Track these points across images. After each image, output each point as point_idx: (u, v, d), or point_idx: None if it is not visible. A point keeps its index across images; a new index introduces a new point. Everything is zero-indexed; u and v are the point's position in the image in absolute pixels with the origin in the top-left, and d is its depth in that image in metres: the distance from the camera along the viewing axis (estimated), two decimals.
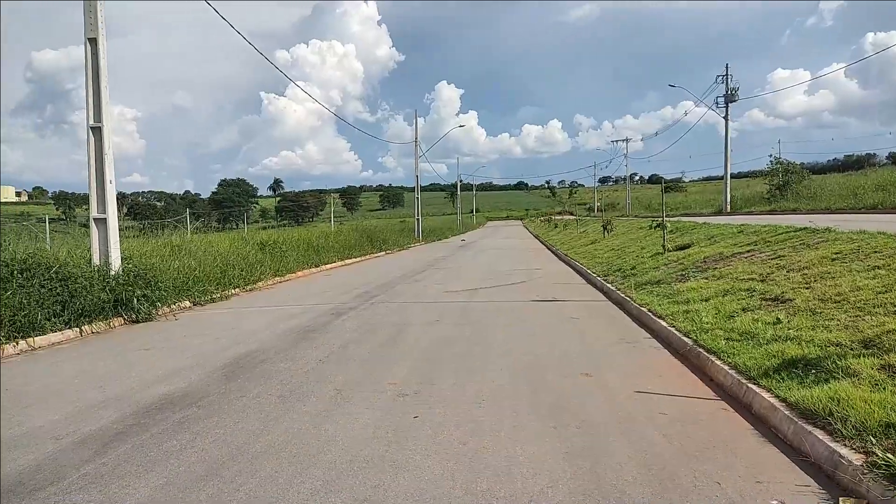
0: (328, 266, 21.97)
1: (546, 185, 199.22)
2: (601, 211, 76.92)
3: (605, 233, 25.61)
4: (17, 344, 8.23)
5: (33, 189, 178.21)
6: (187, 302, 12.65)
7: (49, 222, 25.82)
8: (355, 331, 9.13)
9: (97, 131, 11.20)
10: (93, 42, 11.17)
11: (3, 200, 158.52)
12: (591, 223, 39.30)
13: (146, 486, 3.84)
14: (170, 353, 8.13)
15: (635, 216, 50.37)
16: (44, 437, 4.79)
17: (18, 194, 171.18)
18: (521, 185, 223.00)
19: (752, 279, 8.69)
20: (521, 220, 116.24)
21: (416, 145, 45.43)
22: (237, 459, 4.24)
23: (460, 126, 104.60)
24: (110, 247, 11.20)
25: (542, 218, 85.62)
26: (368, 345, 8.09)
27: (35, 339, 8.53)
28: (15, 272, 9.05)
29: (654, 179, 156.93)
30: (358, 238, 29.23)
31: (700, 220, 22.98)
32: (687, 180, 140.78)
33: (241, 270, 15.96)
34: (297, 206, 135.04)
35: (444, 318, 9.98)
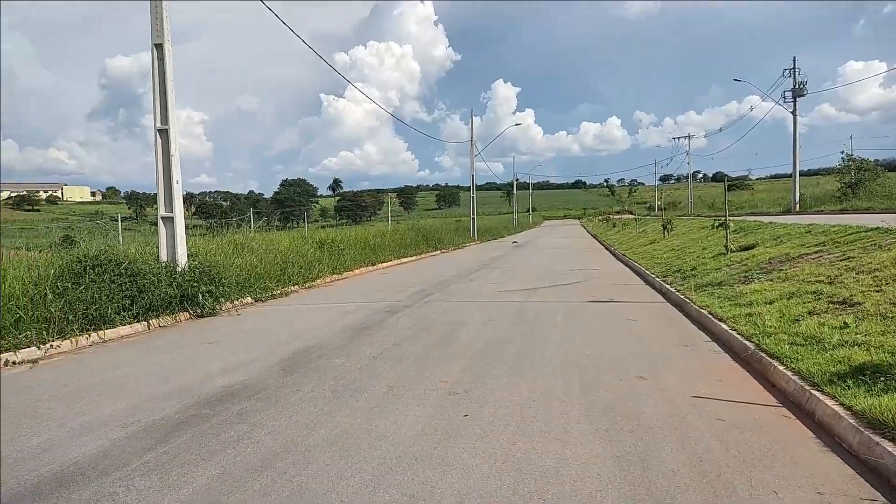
0: (384, 264, 22.25)
1: (604, 184, 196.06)
2: (661, 210, 75.12)
3: (665, 232, 24.99)
4: (90, 336, 8.68)
5: (107, 189, 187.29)
6: (249, 298, 13.04)
7: (121, 221, 27.09)
8: (409, 329, 9.22)
9: (164, 133, 11.69)
10: (159, 48, 11.65)
11: (77, 200, 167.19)
12: (651, 223, 38.43)
13: (203, 474, 3.99)
14: (231, 347, 8.41)
15: (697, 215, 48.95)
16: (112, 425, 5.04)
17: (93, 194, 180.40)
18: (578, 184, 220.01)
19: (820, 281, 8.32)
20: (579, 219, 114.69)
21: (471, 144, 45.47)
22: (291, 451, 4.36)
23: (516, 124, 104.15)
24: (177, 244, 11.66)
25: (600, 217, 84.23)
26: (422, 343, 8.16)
27: (105, 331, 8.98)
28: (87, 268, 9.53)
29: (717, 177, 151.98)
30: (414, 237, 29.48)
31: (766, 219, 22.13)
32: (753, 178, 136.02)
33: (301, 268, 16.35)
34: (355, 206, 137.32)
35: (498, 318, 9.96)
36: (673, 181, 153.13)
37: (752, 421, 4.73)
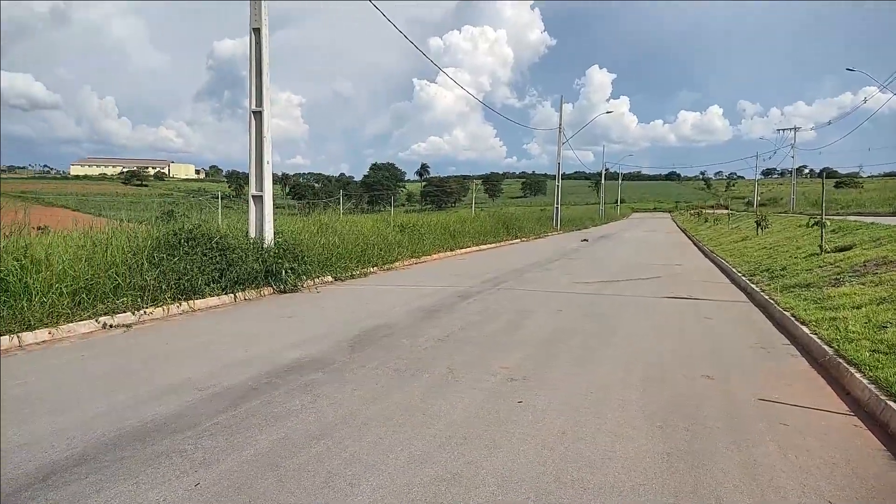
0: (463, 250, 22.43)
1: (700, 177, 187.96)
2: (762, 206, 71.24)
3: (759, 230, 23.77)
4: (180, 305, 9.34)
5: (210, 168, 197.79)
6: (329, 277, 13.55)
7: (220, 199, 28.59)
8: (478, 314, 9.33)
9: (258, 115, 12.28)
10: (257, 32, 12.21)
11: (183, 177, 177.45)
12: (745, 219, 36.63)
13: (267, 438, 4.27)
14: (308, 322, 8.81)
15: (800, 213, 46.14)
16: (190, 388, 5.45)
17: (197, 172, 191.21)
18: (672, 176, 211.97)
19: None
20: (670, 212, 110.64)
21: (559, 131, 44.78)
22: (348, 423, 4.58)
23: (608, 112, 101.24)
24: (265, 222, 12.27)
25: (692, 211, 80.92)
26: (488, 329, 8.25)
27: (195, 301, 9.62)
28: (182, 241, 10.22)
29: (826, 173, 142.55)
30: (494, 224, 29.49)
31: (869, 219, 20.61)
32: (864, 175, 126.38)
33: (380, 250, 16.79)
34: (440, 191, 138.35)
35: (568, 309, 9.89)
36: (776, 175, 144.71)
37: (818, 428, 4.53)
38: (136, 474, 3.69)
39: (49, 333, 7.47)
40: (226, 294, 10.45)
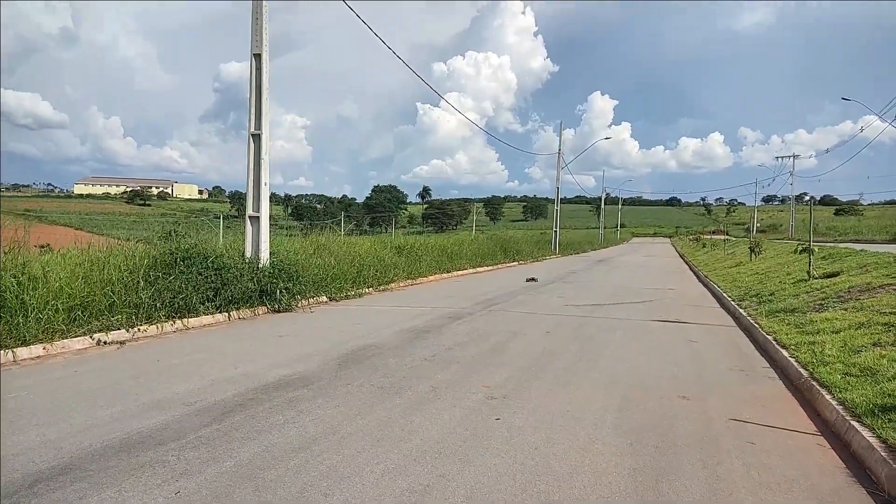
0: (459, 273, 22.61)
1: (701, 202, 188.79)
2: (761, 232, 71.50)
3: (752, 255, 23.96)
4: (175, 323, 9.50)
5: (213, 188, 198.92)
6: (324, 297, 13.73)
7: (223, 219, 28.85)
8: (467, 335, 9.48)
9: (257, 138, 12.56)
10: (257, 57, 12.54)
11: (186, 197, 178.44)
12: (741, 245, 36.83)
13: (248, 451, 4.42)
14: (299, 341, 8.96)
15: (798, 239, 46.33)
16: (177, 403, 5.60)
17: (200, 192, 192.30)
18: (673, 201, 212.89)
19: (894, 313, 7.89)
20: (670, 237, 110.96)
21: (559, 156, 45.24)
22: (329, 437, 4.72)
23: (606, 138, 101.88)
24: (261, 242, 12.47)
25: (691, 237, 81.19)
26: (475, 349, 8.39)
27: (189, 320, 9.78)
28: (177, 260, 10.42)
29: (826, 200, 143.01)
30: (492, 247, 29.71)
31: (860, 246, 20.80)
32: (865, 203, 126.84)
33: (376, 271, 16.97)
34: (441, 214, 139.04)
35: (557, 331, 10.04)
36: (777, 202, 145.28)
37: (784, 447, 4.67)
38: (120, 482, 3.83)
39: (44, 349, 7.63)
40: (220, 313, 10.61)
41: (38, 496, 3.65)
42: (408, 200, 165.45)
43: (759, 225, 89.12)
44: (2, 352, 7.21)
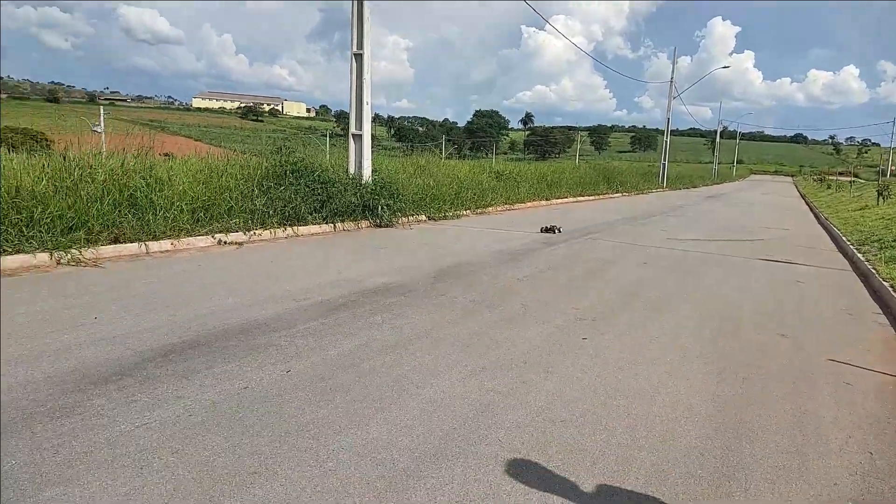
0: (558, 201, 22.36)
1: (829, 141, 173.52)
2: (890, 175, 65.19)
3: (881, 199, 22.06)
4: (285, 230, 10.18)
5: (320, 107, 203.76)
6: (423, 216, 14.11)
7: (329, 137, 29.64)
8: (561, 260, 9.53)
9: (359, 58, 12.76)
10: None
11: (294, 115, 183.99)
12: (870, 188, 33.87)
13: (349, 343, 4.82)
14: (398, 253, 9.37)
15: None
16: (288, 298, 6.12)
17: (308, 110, 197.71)
18: (798, 138, 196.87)
19: None
20: (793, 176, 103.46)
21: (671, 84, 42.68)
22: (421, 339, 5.04)
23: (724, 67, 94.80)
24: (363, 159, 12.89)
25: (815, 177, 75.29)
26: (568, 274, 8.46)
27: (298, 228, 10.44)
28: (287, 172, 11.04)
29: None
30: (594, 177, 29.01)
31: None
32: None
33: (474, 194, 17.16)
34: (544, 141, 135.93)
35: (654, 262, 9.88)
36: None
37: (882, 391, 4.51)
38: (240, 358, 4.34)
39: (171, 244, 8.43)
40: (326, 223, 11.21)
41: (172, 363, 4.20)
42: (509, 126, 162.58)
43: (894, 168, 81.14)
44: (135, 245, 8.04)
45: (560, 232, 12.86)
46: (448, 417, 3.58)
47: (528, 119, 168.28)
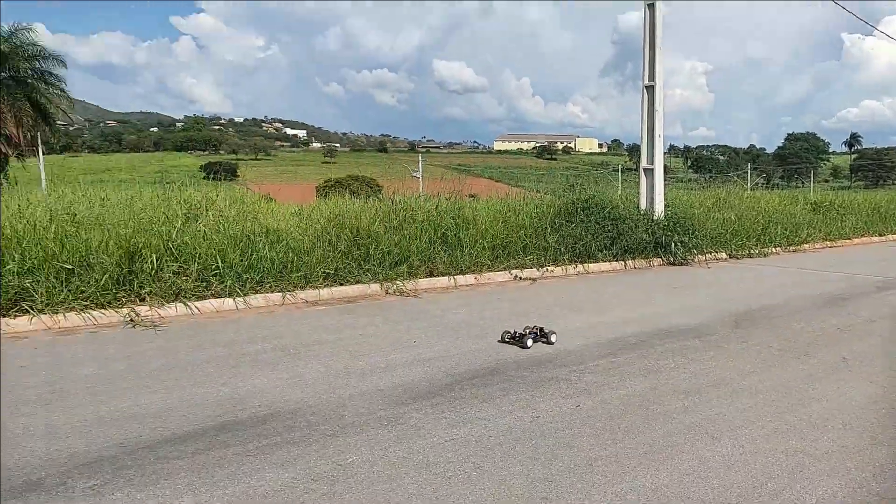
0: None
1: None
2: None
3: None
4: (576, 266, 10.50)
5: (612, 142, 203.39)
6: (723, 253, 13.19)
7: (621, 172, 29.60)
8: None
9: (650, 90, 12.60)
10: (651, 7, 12.54)
11: (587, 151, 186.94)
12: None
13: (639, 384, 4.79)
14: (693, 293, 8.96)
15: None
16: (574, 334, 6.31)
17: (600, 145, 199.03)
18: None
19: None
20: None
21: None
22: (718, 388, 4.75)
23: None
24: (655, 194, 12.60)
25: None
26: None
27: (589, 265, 10.64)
28: (578, 209, 11.36)
29: None
30: None
31: None
32: None
33: (784, 229, 15.44)
34: (877, 165, 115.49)
35: None
36: None
37: None
38: (532, 389, 4.64)
39: (475, 279, 9.30)
40: (616, 261, 11.22)
41: (475, 386, 4.67)
42: (829, 150, 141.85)
43: None
44: (445, 278, 9.06)
45: None
46: (748, 475, 3.35)
47: (853, 140, 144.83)
